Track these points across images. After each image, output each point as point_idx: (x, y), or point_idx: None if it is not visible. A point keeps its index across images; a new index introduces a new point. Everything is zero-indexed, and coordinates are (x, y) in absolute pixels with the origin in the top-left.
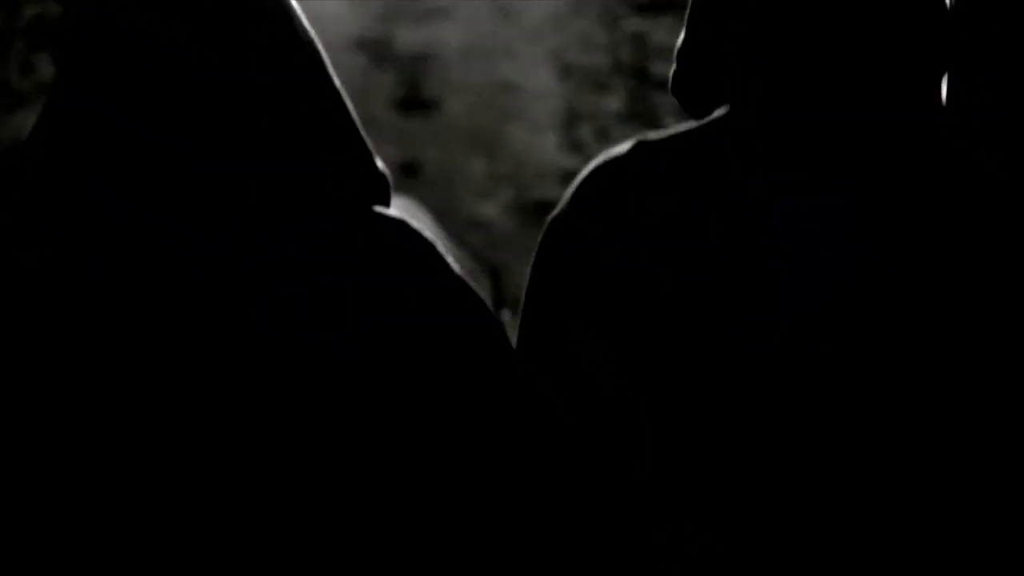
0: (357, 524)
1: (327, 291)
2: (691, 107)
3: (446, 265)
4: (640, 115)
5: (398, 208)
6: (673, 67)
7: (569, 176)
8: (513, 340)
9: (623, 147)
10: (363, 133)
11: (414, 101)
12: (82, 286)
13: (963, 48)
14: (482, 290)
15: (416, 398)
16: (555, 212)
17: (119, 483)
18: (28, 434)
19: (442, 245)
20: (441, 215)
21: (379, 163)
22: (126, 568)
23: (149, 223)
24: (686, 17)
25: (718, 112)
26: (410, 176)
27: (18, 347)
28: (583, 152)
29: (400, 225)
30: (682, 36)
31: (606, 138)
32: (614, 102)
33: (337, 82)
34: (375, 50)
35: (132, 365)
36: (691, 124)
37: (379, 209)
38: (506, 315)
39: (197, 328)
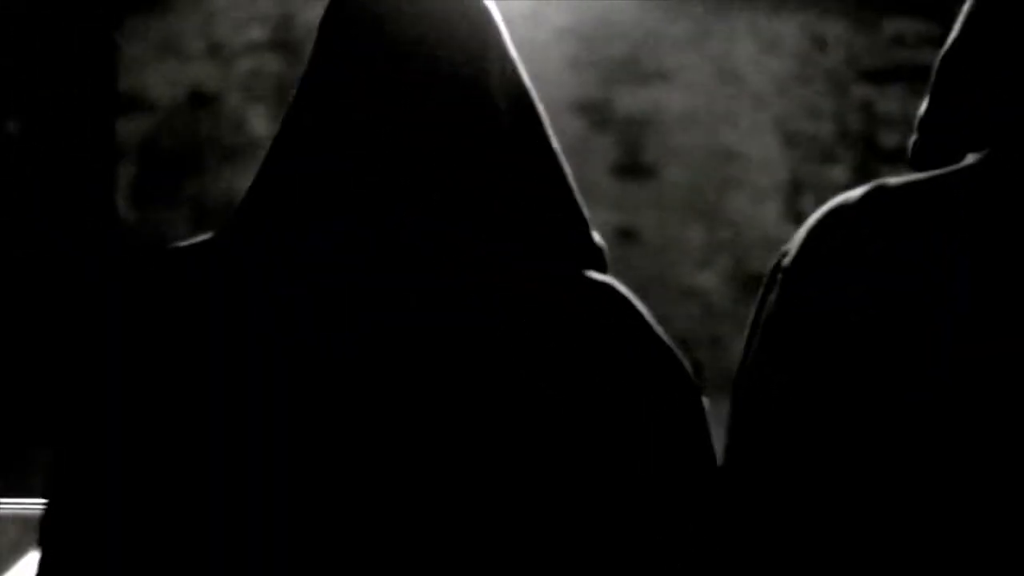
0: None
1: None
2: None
3: (651, 330)
4: None
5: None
6: (914, 137)
7: None
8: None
9: (860, 190)
10: (580, 203)
11: (633, 166)
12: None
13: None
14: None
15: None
16: (783, 252)
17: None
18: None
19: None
20: (656, 283)
21: (596, 236)
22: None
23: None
24: (930, 85)
25: (967, 161)
26: (626, 242)
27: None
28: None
29: (607, 288)
30: (925, 105)
31: None
32: (840, 173)
33: (555, 145)
34: (594, 113)
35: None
36: (934, 172)
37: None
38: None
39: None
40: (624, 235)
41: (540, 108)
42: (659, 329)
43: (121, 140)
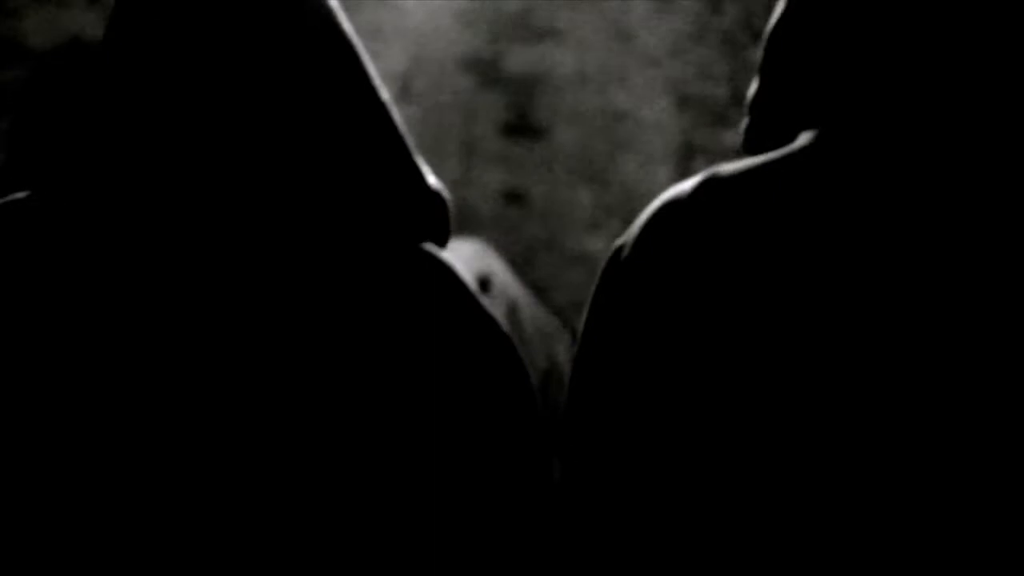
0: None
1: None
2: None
3: (475, 304)
4: None
5: (462, 247)
6: (745, 120)
7: None
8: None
9: (693, 181)
10: (412, 150)
11: (522, 126)
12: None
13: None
14: (561, 349)
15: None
16: (619, 244)
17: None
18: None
19: (504, 296)
20: (544, 247)
21: (432, 180)
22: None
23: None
24: (759, 64)
25: (799, 141)
26: (514, 204)
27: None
28: None
29: (431, 260)
30: (755, 86)
31: None
32: (732, 136)
33: (384, 96)
34: (483, 71)
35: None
36: (768, 156)
37: (425, 246)
38: None
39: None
40: (512, 198)
41: (364, 57)
42: (484, 301)
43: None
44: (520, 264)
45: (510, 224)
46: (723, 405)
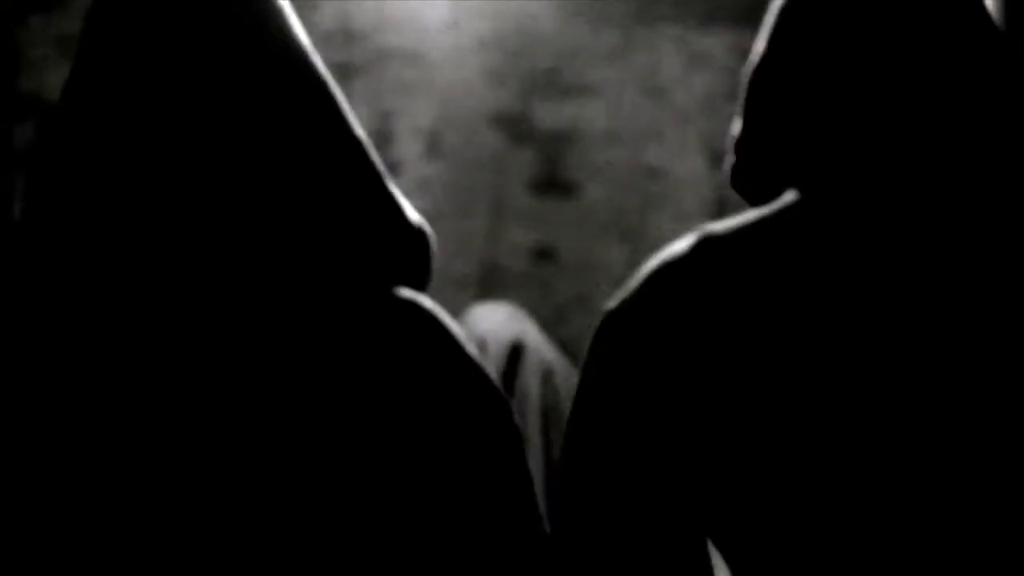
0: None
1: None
2: (754, 200)
3: (461, 351)
4: None
5: (494, 310)
6: (731, 160)
7: None
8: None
9: (687, 242)
10: (391, 186)
11: (552, 183)
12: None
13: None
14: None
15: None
16: (613, 307)
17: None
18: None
19: (541, 354)
20: (575, 306)
21: (413, 216)
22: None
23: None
24: (741, 105)
25: (786, 198)
26: (545, 262)
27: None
28: None
29: (413, 307)
30: (738, 126)
31: None
32: None
33: (360, 133)
34: (513, 127)
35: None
36: (759, 213)
37: (400, 292)
38: None
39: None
40: (542, 255)
41: (336, 90)
42: (471, 348)
43: (20, 144)
44: (551, 323)
45: (540, 282)
46: (717, 465)
